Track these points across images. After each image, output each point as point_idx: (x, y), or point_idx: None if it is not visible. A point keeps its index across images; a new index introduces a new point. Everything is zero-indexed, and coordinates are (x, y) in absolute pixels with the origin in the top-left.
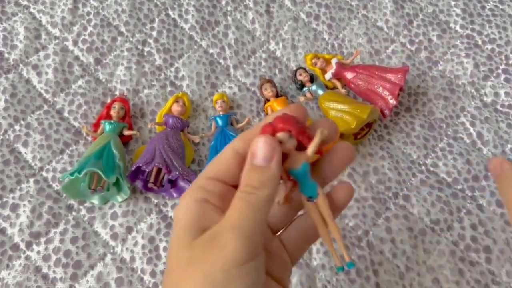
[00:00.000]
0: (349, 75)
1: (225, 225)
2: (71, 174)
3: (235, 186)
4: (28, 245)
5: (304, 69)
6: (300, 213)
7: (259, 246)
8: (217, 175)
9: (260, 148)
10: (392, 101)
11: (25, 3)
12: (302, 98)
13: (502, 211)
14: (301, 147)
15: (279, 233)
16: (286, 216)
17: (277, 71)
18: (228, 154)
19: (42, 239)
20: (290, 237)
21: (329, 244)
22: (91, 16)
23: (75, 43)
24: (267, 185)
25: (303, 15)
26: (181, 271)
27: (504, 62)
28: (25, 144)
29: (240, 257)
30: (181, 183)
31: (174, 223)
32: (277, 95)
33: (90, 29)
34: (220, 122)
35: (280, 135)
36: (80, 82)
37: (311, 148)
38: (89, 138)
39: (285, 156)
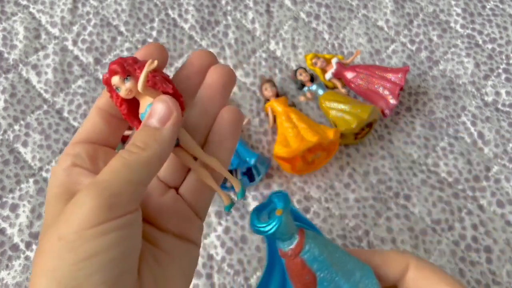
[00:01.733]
0: (349, 75)
1: (89, 182)
2: None
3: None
4: (28, 245)
5: (304, 69)
6: None
7: (126, 206)
8: (84, 137)
9: (158, 108)
10: (393, 101)
11: (24, 3)
12: (302, 98)
13: (502, 211)
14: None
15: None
16: (182, 170)
17: (277, 71)
18: (92, 112)
19: None
20: (186, 188)
21: (210, 181)
22: (91, 16)
23: (74, 43)
24: (152, 146)
25: (303, 15)
26: (42, 236)
27: (505, 61)
28: (25, 144)
29: (96, 215)
30: None
31: (46, 197)
32: (277, 95)
33: (89, 29)
34: None
35: (113, 80)
36: (79, 82)
37: (138, 84)
38: None
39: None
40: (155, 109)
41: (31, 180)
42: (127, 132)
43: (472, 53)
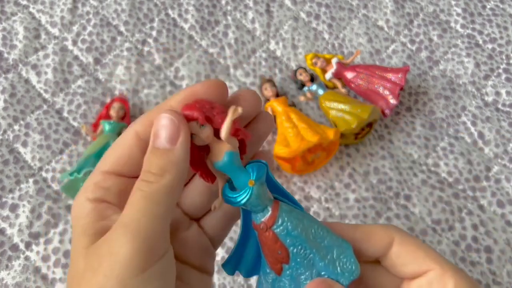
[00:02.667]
0: (349, 74)
1: (118, 225)
2: (71, 174)
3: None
4: (28, 245)
5: (305, 68)
6: None
7: (162, 247)
8: (115, 168)
9: (163, 127)
10: (393, 101)
11: (24, 2)
12: (302, 98)
13: (503, 211)
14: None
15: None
16: (207, 203)
17: (277, 70)
18: (128, 139)
19: (42, 240)
20: (209, 220)
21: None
22: (91, 16)
23: (74, 42)
24: (170, 170)
25: (303, 15)
26: (76, 285)
27: (505, 61)
28: (25, 144)
29: (136, 264)
30: None
31: (72, 229)
32: (277, 95)
33: (89, 28)
34: None
35: (190, 125)
36: (79, 82)
37: (222, 133)
38: (89, 138)
39: (208, 150)
40: (160, 129)
41: (30, 180)
42: None
43: (472, 53)
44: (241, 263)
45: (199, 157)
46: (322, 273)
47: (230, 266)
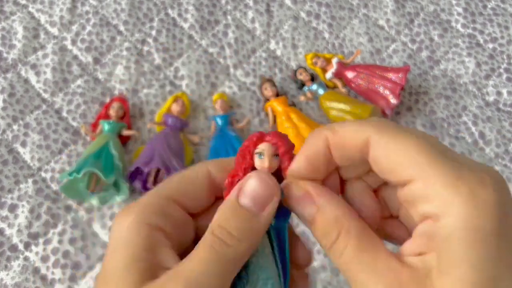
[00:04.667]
0: (349, 74)
1: (177, 276)
2: (70, 174)
3: (192, 215)
4: (27, 245)
5: (305, 68)
6: None
7: None
8: (180, 198)
9: (254, 185)
10: (393, 101)
11: (23, 2)
12: (302, 98)
13: None
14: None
15: None
16: None
17: (277, 70)
18: (200, 176)
19: (41, 240)
20: None
21: None
22: (90, 15)
23: (73, 42)
24: (250, 238)
25: (303, 14)
26: None
27: (506, 61)
28: (24, 144)
29: None
30: None
31: (111, 247)
32: (277, 95)
33: (89, 28)
34: (219, 122)
35: (263, 145)
36: (78, 82)
37: (294, 168)
38: (88, 138)
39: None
40: (251, 187)
41: (30, 180)
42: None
43: (473, 52)
44: None
45: (241, 177)
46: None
47: None
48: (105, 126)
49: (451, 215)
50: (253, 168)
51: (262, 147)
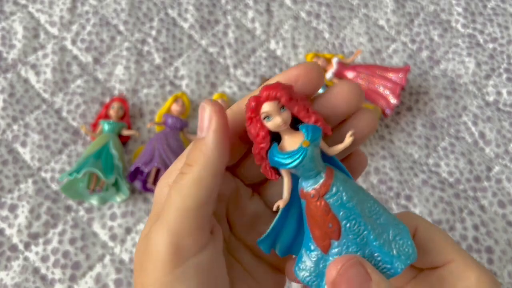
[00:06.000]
0: (350, 74)
1: (157, 222)
2: (70, 174)
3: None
4: (27, 246)
5: None
6: None
7: (196, 242)
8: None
9: (200, 117)
10: (394, 101)
11: (23, 2)
12: None
13: (503, 211)
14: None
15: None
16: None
17: (277, 70)
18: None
19: (41, 240)
20: (270, 191)
21: None
22: (90, 15)
23: (73, 42)
24: (197, 160)
25: (303, 14)
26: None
27: (506, 61)
28: (24, 144)
29: (169, 260)
30: None
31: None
32: None
33: (88, 28)
34: None
35: (265, 106)
36: (78, 82)
37: (335, 148)
38: (88, 138)
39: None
40: (199, 119)
41: (30, 180)
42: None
43: (473, 52)
44: (278, 239)
45: (266, 147)
46: (375, 254)
47: (267, 242)
48: (105, 126)
49: None
50: (271, 132)
51: (265, 108)
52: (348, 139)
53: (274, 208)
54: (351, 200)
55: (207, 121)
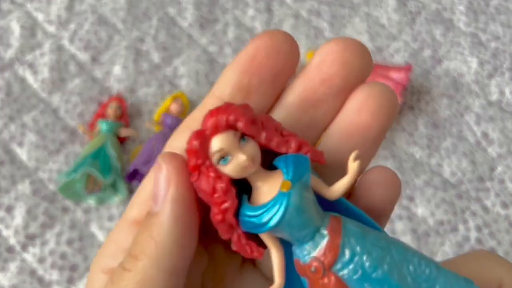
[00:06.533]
0: None
1: None
2: (68, 175)
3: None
4: (24, 247)
5: None
6: None
7: None
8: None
9: (155, 180)
10: None
11: (20, 1)
12: None
13: (506, 212)
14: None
15: None
16: None
17: None
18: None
19: (38, 241)
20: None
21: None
22: (88, 14)
23: (71, 41)
24: (146, 250)
25: (303, 12)
26: None
27: (509, 60)
28: (21, 144)
29: None
30: None
31: None
32: None
33: (86, 26)
34: None
35: (216, 142)
36: (76, 81)
37: (337, 190)
38: (86, 138)
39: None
40: (154, 182)
41: (27, 180)
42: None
43: (476, 51)
44: None
45: (232, 206)
46: None
47: None
48: (103, 125)
49: None
50: (234, 182)
51: (216, 145)
52: (353, 166)
53: None
54: (378, 264)
55: (163, 187)
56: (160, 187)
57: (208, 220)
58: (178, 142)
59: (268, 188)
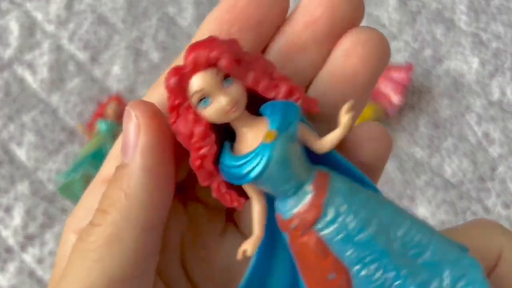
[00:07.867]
0: None
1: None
2: (67, 175)
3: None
4: (23, 247)
5: None
6: None
7: None
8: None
9: (124, 129)
10: (396, 100)
11: (19, 0)
12: None
13: (507, 213)
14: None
15: None
16: None
17: None
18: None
19: (37, 241)
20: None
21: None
22: (87, 13)
23: (70, 40)
24: (115, 206)
25: None
26: None
27: (510, 60)
28: (20, 144)
29: None
30: None
31: None
32: None
33: (86, 26)
34: None
35: (196, 81)
36: (75, 81)
37: (328, 142)
38: (85, 138)
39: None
40: (123, 131)
41: (26, 180)
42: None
43: (477, 51)
44: None
45: (211, 153)
46: None
47: None
48: (102, 125)
49: None
50: (214, 127)
51: (196, 85)
52: (345, 118)
53: (239, 257)
54: (365, 226)
55: (133, 136)
56: (130, 137)
57: (187, 178)
58: (156, 96)
59: (252, 137)
